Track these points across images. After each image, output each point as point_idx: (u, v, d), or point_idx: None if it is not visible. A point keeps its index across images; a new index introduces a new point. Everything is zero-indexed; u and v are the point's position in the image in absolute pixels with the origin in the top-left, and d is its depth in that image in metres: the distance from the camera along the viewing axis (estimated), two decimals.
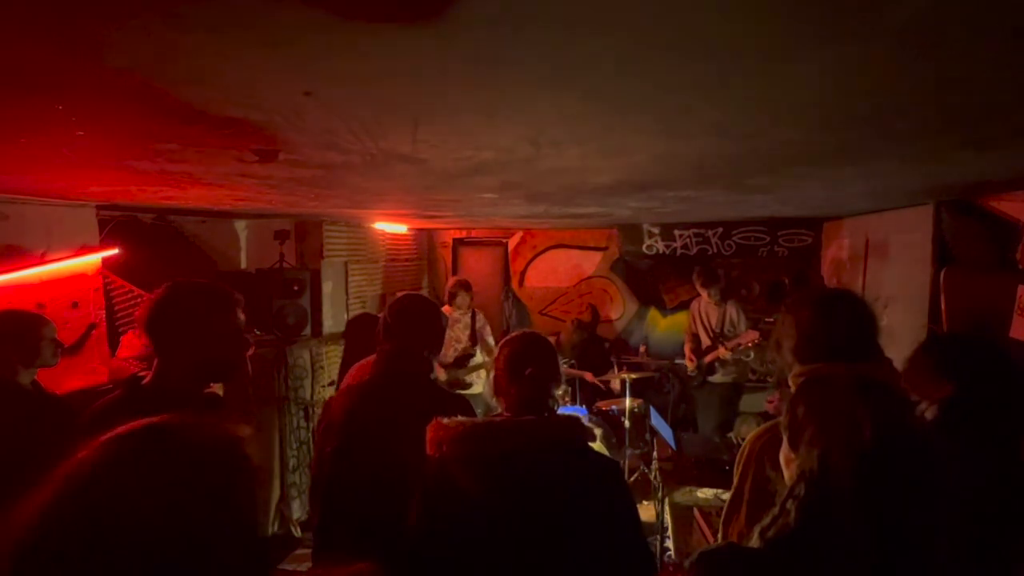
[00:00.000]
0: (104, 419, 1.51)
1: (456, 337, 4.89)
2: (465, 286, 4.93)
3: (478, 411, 5.27)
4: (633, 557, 1.54)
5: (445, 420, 1.55)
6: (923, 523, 0.95)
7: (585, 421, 1.67)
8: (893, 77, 1.17)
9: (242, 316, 1.62)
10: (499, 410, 1.67)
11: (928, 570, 0.95)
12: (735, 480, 1.57)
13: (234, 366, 1.64)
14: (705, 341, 5.01)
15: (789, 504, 1.00)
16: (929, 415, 1.50)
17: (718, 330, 4.93)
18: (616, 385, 5.33)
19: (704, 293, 5.02)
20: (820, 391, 1.10)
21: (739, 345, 4.76)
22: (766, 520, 1.03)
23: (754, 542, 1.03)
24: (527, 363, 1.62)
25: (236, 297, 1.62)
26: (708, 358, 4.91)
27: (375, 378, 2.10)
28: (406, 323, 2.08)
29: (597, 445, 4.16)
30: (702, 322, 5.06)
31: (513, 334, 1.75)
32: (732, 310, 4.94)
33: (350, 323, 4.82)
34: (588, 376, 5.62)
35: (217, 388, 2.51)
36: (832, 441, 1.00)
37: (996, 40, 0.99)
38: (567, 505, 1.48)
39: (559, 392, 1.64)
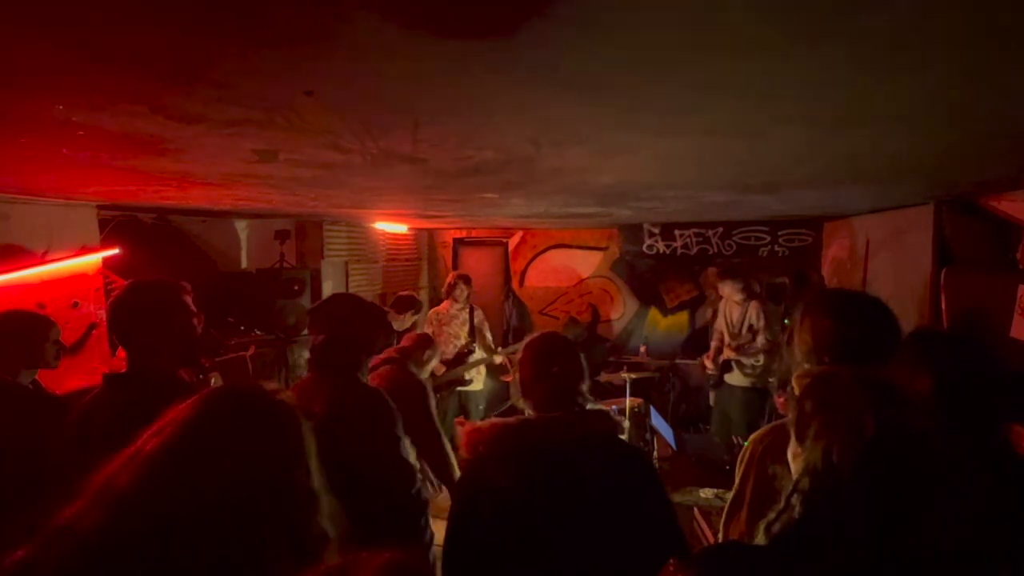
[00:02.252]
0: (93, 413, 1.54)
1: (454, 333, 4.88)
2: (465, 279, 4.93)
3: (480, 407, 5.29)
4: (667, 538, 1.55)
5: (479, 423, 1.59)
6: (924, 518, 0.96)
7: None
8: None
9: (190, 302, 1.75)
10: (526, 410, 1.68)
11: (929, 563, 0.96)
12: (737, 481, 1.57)
13: (195, 347, 1.79)
14: (726, 340, 4.92)
15: (794, 499, 1.02)
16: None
17: (736, 330, 4.84)
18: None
19: (723, 288, 4.86)
20: (825, 388, 1.11)
21: (741, 345, 4.72)
22: (771, 515, 1.04)
23: (759, 539, 1.04)
24: (552, 362, 1.65)
25: (182, 285, 1.75)
26: (722, 357, 4.86)
27: (309, 373, 2.13)
28: (328, 320, 2.09)
29: None
30: (726, 320, 4.95)
31: (534, 336, 1.78)
32: (753, 311, 4.78)
33: None
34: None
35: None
36: (836, 436, 1.01)
37: None
38: (601, 495, 1.50)
39: (585, 388, 1.66)
